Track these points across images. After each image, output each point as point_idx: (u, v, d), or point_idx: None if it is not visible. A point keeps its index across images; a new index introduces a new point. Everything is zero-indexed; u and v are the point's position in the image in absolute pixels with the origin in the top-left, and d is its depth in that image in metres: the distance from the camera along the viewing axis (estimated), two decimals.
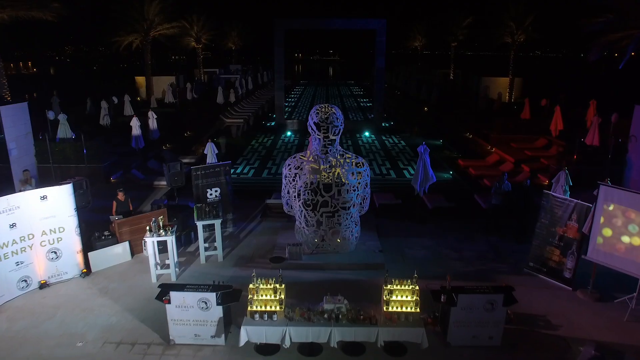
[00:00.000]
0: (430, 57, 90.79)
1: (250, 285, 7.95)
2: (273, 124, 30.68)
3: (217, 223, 11.14)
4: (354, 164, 10.99)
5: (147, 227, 10.19)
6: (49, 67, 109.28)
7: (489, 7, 39.44)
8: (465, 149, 23.62)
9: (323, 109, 10.75)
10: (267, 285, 7.92)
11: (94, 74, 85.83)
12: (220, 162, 13.36)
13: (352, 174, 10.84)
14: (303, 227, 11.09)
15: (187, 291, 7.94)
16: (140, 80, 38.56)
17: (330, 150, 10.75)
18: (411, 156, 22.08)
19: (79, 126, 21.26)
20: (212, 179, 12.80)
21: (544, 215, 10.50)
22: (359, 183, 10.90)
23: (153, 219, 10.23)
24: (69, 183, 10.36)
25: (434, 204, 14.32)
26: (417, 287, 7.93)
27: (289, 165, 11.11)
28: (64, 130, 18.94)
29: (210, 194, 12.81)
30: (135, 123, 19.29)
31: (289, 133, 27.53)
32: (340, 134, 10.88)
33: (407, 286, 7.92)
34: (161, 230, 10.19)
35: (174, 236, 10.34)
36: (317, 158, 10.77)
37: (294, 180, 10.96)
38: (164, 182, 15.09)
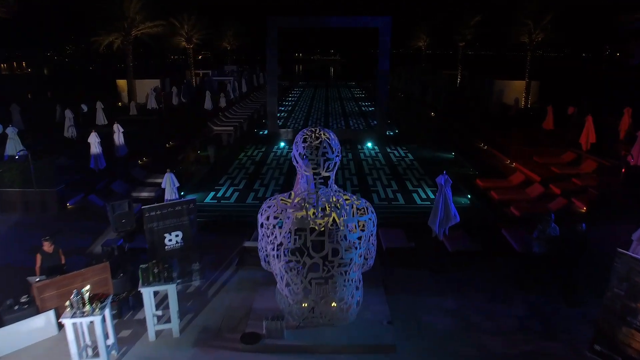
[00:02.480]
0: (433, 57, 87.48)
1: None
2: (266, 132, 27.78)
3: (171, 289, 8.26)
4: (354, 209, 8.11)
5: (67, 302, 7.33)
6: (43, 67, 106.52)
7: (497, 4, 36.55)
8: (482, 163, 20.66)
9: (312, 135, 7.86)
10: None
11: (90, 75, 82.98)
12: (182, 199, 10.47)
13: (354, 224, 7.96)
14: (286, 296, 8.22)
15: None
16: (122, 83, 35.46)
17: (322, 192, 7.88)
18: (420, 174, 19.17)
19: (38, 140, 18.42)
20: (171, 220, 9.91)
21: (617, 283, 7.60)
22: (362, 238, 8.01)
23: (75, 291, 7.36)
24: None
25: (455, 246, 11.44)
26: None
27: (266, 210, 8.24)
28: (13, 146, 16.07)
29: (170, 240, 9.94)
30: (93, 140, 16.12)
31: (282, 144, 24.59)
32: (336, 168, 8.02)
33: None
34: (86, 307, 7.33)
35: (105, 312, 7.49)
36: (304, 202, 7.90)
37: (272, 233, 8.06)
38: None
